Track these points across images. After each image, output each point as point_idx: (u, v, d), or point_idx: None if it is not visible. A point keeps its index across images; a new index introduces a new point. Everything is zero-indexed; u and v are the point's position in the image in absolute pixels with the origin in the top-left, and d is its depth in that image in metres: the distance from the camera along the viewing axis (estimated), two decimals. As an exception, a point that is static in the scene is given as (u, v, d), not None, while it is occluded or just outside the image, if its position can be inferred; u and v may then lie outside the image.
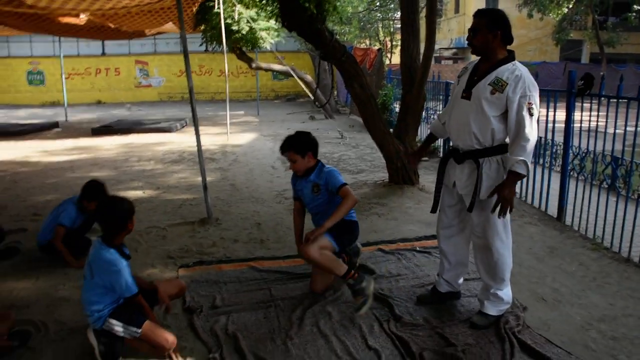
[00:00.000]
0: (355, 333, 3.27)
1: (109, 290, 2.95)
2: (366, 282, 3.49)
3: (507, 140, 3.16)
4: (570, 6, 25.22)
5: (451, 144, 3.47)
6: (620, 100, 4.79)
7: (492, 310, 3.38)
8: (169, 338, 2.98)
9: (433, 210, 3.59)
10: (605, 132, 4.96)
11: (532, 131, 3.01)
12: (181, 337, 3.25)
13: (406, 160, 3.81)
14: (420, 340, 3.17)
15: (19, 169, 8.86)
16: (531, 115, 3.01)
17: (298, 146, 3.72)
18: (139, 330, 2.94)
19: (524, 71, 3.09)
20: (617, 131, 5.06)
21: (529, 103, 3.01)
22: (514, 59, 3.17)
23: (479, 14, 3.19)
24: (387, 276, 4.10)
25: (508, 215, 3.22)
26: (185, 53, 5.35)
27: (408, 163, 3.86)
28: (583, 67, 23.14)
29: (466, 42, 3.29)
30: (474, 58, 3.37)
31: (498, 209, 3.08)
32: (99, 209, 3.09)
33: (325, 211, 3.73)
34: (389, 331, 3.27)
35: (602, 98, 5.10)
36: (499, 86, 3.06)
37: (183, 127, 14.57)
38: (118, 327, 2.95)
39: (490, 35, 3.11)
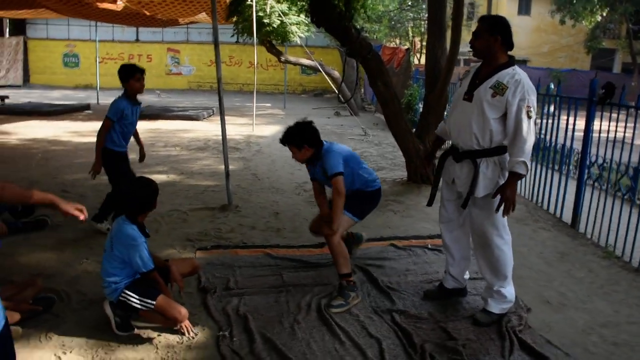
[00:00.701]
0: (358, 322, 3.39)
1: (126, 265, 3.13)
2: (354, 294, 3.67)
3: (505, 142, 3.28)
4: (604, 14, 24.83)
5: (451, 142, 3.60)
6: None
7: (495, 308, 3.47)
8: (182, 311, 3.14)
9: (429, 204, 3.75)
10: (623, 142, 4.98)
11: (530, 133, 3.12)
12: (194, 315, 3.42)
13: (420, 164, 3.97)
14: (423, 333, 3.28)
15: (50, 147, 9.17)
16: (529, 117, 3.12)
17: (294, 139, 3.82)
18: (154, 302, 3.11)
19: (523, 76, 3.21)
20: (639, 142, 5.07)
21: (528, 106, 3.13)
22: (514, 64, 3.30)
23: (481, 20, 3.36)
24: (397, 271, 4.21)
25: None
26: (216, 43, 5.52)
27: (423, 167, 3.99)
28: (614, 77, 22.81)
29: (470, 47, 3.41)
30: None
31: (502, 208, 3.19)
32: (129, 186, 3.25)
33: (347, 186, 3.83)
34: (392, 323, 3.39)
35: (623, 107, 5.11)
36: (499, 89, 3.18)
37: (210, 115, 14.82)
38: (134, 298, 3.13)
39: (492, 38, 3.25)
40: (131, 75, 4.79)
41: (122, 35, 25.47)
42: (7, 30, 24.11)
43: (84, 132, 11.10)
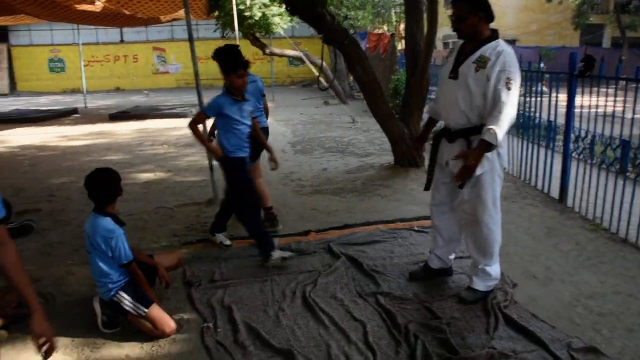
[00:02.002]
0: (343, 307, 3.39)
1: (113, 261, 3.11)
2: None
3: None
4: (590, -11, 24.75)
5: (442, 123, 3.54)
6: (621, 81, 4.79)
7: (480, 285, 3.47)
8: (171, 324, 3.12)
9: (426, 188, 3.68)
10: (605, 115, 4.97)
11: (508, 103, 3.03)
12: (179, 309, 3.43)
13: (413, 147, 3.90)
14: (408, 314, 3.29)
15: (38, 153, 9.13)
16: (508, 89, 3.04)
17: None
18: (146, 310, 3.09)
19: (506, 48, 3.14)
20: (625, 115, 5.05)
21: (507, 78, 3.05)
22: (497, 38, 3.23)
23: (456, 1, 3.23)
24: (382, 254, 4.21)
25: (497, 191, 3.34)
26: (190, 38, 5.50)
27: (415, 150, 3.93)
28: (604, 52, 22.73)
29: (452, 30, 3.32)
30: None
31: (458, 174, 3.18)
32: (88, 180, 3.18)
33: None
34: (376, 305, 3.39)
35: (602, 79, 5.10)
36: (482, 63, 3.12)
37: (198, 112, 14.74)
38: (127, 301, 3.11)
39: (475, 18, 3.17)
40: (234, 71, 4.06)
41: (106, 37, 25.31)
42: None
43: (71, 136, 11.06)
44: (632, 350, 2.90)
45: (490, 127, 3.03)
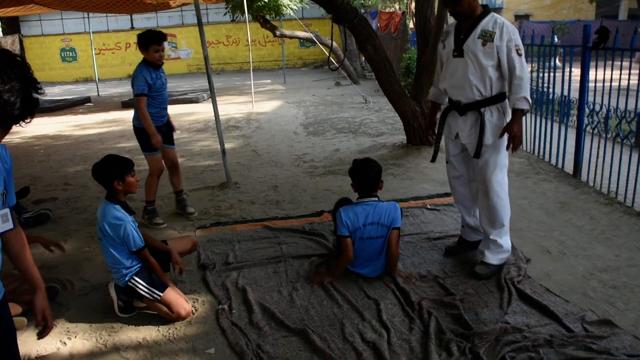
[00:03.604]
0: (357, 285, 3.41)
1: (123, 248, 3.15)
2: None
3: (504, 89, 3.37)
4: (606, -41, 24.16)
5: (451, 99, 3.57)
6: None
7: (492, 259, 3.50)
8: (187, 307, 3.17)
9: (433, 160, 3.79)
10: (619, 89, 4.89)
11: (523, 69, 3.24)
12: (194, 291, 3.47)
13: (425, 135, 4.01)
14: (421, 291, 3.30)
15: (52, 143, 9.22)
16: (519, 55, 3.24)
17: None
18: (161, 294, 3.14)
19: (504, 19, 3.33)
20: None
21: (515, 45, 3.24)
22: (490, 11, 3.38)
23: None
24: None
25: (506, 161, 3.44)
26: (199, 22, 5.52)
27: (428, 137, 4.01)
28: (619, 24, 22.20)
29: (450, 14, 3.50)
30: None
31: (512, 146, 3.30)
32: (93, 168, 3.23)
33: None
34: (390, 283, 3.40)
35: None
36: (487, 37, 3.27)
37: (210, 97, 14.77)
38: (142, 286, 3.15)
39: None
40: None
41: (116, 24, 25.30)
42: (1, 29, 24.05)
43: (85, 124, 11.15)
44: (647, 322, 2.89)
45: (519, 95, 3.21)
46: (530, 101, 3.28)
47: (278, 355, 2.73)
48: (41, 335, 2.05)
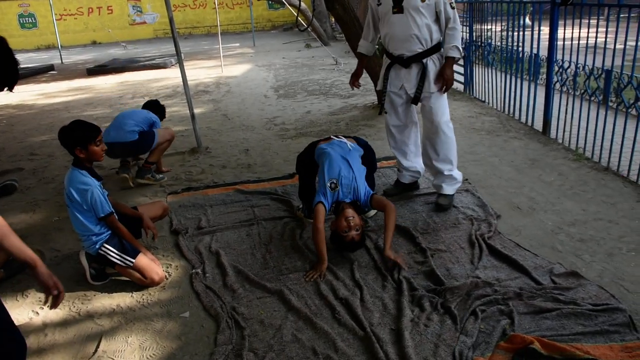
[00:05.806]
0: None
1: (91, 214, 3.09)
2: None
3: (441, 39, 3.74)
4: None
5: (392, 54, 3.81)
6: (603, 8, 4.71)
7: (449, 190, 3.93)
8: (160, 273, 3.15)
9: (380, 112, 4.09)
10: (587, 45, 4.91)
11: (456, 20, 3.62)
12: (167, 257, 3.45)
13: (351, 83, 4.14)
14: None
15: (16, 113, 8.94)
16: (452, 8, 3.60)
17: None
18: (133, 260, 3.10)
19: None
20: (607, 45, 4.99)
21: (450, 0, 3.60)
22: None
23: None
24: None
25: (447, 103, 3.87)
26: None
27: (353, 85, 4.16)
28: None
29: None
30: None
31: (444, 88, 3.74)
32: (59, 134, 3.13)
33: None
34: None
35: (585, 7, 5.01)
36: None
37: (177, 62, 14.46)
38: (113, 253, 3.11)
39: None
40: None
41: (78, -12, 24.43)
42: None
43: (50, 93, 10.83)
44: (611, 273, 2.97)
45: (452, 44, 3.62)
46: (462, 49, 3.66)
47: (253, 316, 2.74)
48: (56, 301, 1.96)
